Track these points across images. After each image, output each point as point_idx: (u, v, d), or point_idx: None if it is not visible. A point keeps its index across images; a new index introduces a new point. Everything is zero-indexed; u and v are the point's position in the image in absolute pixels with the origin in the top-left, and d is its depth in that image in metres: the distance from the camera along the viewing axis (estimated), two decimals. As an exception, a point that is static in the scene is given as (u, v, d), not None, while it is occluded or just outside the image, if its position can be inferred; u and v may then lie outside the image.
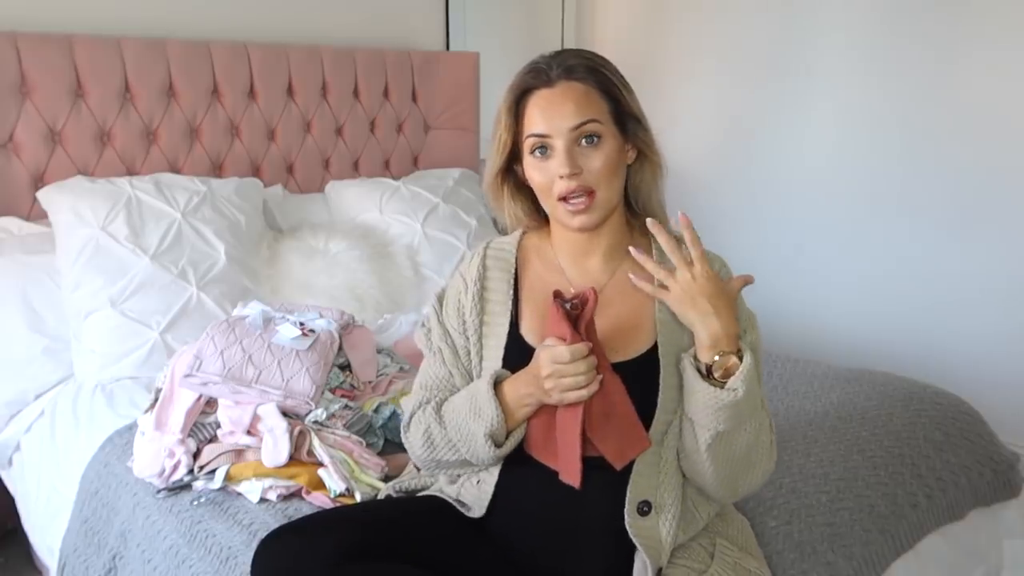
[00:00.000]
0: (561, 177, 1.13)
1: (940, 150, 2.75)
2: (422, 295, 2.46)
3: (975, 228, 2.71)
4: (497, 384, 1.16)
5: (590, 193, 1.13)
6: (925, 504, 1.64)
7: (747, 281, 1.12)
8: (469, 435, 1.16)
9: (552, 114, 1.14)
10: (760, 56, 3.16)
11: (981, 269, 2.71)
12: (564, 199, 1.14)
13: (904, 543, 1.57)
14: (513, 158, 1.21)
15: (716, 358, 1.08)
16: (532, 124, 1.15)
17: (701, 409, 1.09)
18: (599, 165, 1.13)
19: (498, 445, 1.16)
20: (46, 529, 1.81)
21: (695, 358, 1.11)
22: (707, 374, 1.09)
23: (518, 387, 1.14)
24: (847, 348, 2.91)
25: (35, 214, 2.20)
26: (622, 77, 1.19)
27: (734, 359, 1.08)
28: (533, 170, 1.17)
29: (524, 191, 1.25)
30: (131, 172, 2.33)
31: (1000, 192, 2.64)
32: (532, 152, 1.16)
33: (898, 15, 2.78)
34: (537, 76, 1.16)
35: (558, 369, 1.06)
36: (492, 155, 1.22)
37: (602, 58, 1.19)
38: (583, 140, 1.13)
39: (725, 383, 1.08)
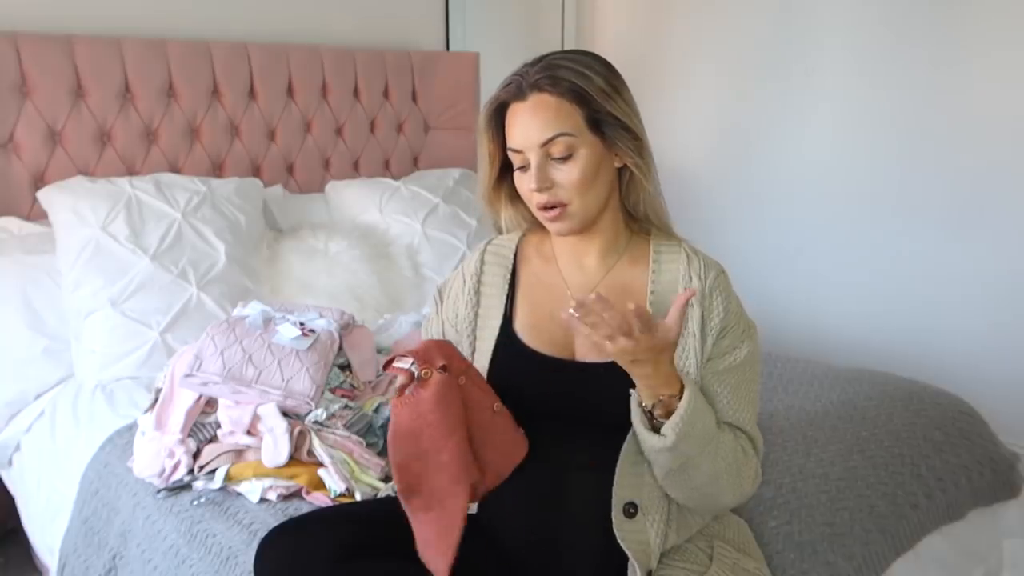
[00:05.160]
0: (533, 191, 1.14)
1: (938, 151, 2.75)
2: (422, 295, 2.45)
3: (973, 228, 2.71)
4: None
5: (563, 204, 1.14)
6: (925, 504, 1.63)
7: (678, 316, 1.06)
8: None
9: (524, 130, 1.13)
10: (760, 58, 3.16)
11: (980, 269, 2.71)
12: (541, 208, 1.15)
13: (904, 543, 1.56)
14: (507, 166, 1.21)
15: (655, 402, 1.07)
16: (510, 139, 1.15)
17: (646, 451, 1.10)
18: (571, 179, 1.12)
19: None
20: (46, 529, 1.81)
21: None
22: (650, 415, 1.09)
23: None
24: (847, 348, 2.91)
25: (35, 214, 2.20)
26: (609, 80, 1.13)
27: (676, 402, 1.06)
28: (517, 181, 1.18)
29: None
30: (131, 172, 2.33)
31: (998, 192, 2.64)
32: (516, 166, 1.17)
33: (896, 18, 2.78)
34: (511, 89, 1.15)
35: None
36: (481, 168, 1.23)
37: (587, 61, 1.14)
38: (554, 154, 1.12)
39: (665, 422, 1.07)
